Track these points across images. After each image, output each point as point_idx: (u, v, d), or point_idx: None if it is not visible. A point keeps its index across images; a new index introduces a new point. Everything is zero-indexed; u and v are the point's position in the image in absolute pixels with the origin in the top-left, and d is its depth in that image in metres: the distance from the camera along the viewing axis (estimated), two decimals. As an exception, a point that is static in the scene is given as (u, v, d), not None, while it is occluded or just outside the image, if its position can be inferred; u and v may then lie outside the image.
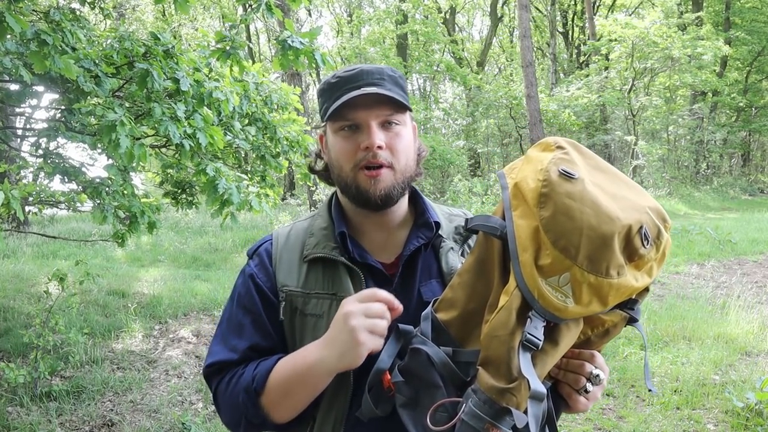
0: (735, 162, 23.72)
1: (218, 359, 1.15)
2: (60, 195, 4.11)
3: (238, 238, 10.34)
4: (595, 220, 0.86)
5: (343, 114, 1.11)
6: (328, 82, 1.16)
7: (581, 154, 0.99)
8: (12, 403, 3.66)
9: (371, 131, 1.10)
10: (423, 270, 1.16)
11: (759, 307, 5.80)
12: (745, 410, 3.60)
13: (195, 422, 3.54)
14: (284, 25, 3.14)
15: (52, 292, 4.40)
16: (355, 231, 1.20)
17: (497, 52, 28.61)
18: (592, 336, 0.98)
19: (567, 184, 0.89)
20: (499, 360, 0.90)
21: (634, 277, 0.89)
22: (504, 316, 0.90)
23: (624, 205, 0.90)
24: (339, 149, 1.13)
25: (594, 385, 1.01)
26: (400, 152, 1.13)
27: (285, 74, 11.92)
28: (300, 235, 1.21)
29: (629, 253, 0.88)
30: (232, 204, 3.32)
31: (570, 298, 0.88)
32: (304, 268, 1.16)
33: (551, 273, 0.87)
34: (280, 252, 1.20)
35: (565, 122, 18.19)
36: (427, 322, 1.02)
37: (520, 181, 0.96)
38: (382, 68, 1.15)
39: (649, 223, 0.90)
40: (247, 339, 1.14)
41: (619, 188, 0.95)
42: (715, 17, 21.90)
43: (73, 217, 11.13)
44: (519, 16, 15.17)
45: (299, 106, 4.47)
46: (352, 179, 1.12)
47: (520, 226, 0.92)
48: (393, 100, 1.10)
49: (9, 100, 3.94)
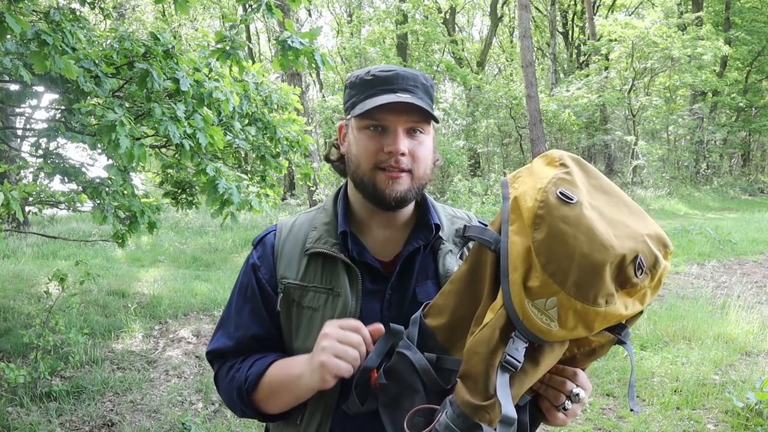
0: (735, 162, 23.71)
1: (217, 347, 1.22)
2: (60, 195, 4.11)
3: (238, 238, 10.33)
4: (587, 248, 0.84)
5: (372, 114, 1.12)
6: (361, 78, 1.16)
7: (585, 173, 0.98)
8: (12, 404, 3.66)
9: (398, 137, 1.11)
10: (420, 271, 1.18)
11: (759, 307, 5.80)
12: (745, 410, 3.60)
13: (195, 422, 3.54)
14: (284, 26, 3.14)
15: (52, 292, 4.40)
16: (358, 227, 1.22)
17: (497, 52, 28.60)
18: (577, 354, 0.99)
19: (564, 207, 0.88)
20: (477, 376, 0.91)
21: (624, 305, 0.88)
22: (487, 334, 0.91)
23: (621, 233, 0.88)
24: (362, 147, 1.14)
25: (573, 403, 1.01)
26: (421, 160, 1.15)
27: (285, 74, 11.91)
28: (303, 227, 1.24)
29: (621, 281, 0.87)
30: (232, 204, 3.32)
31: (555, 322, 0.87)
32: (305, 261, 1.18)
33: (539, 295, 0.87)
34: (283, 243, 1.23)
35: (565, 122, 18.19)
36: (415, 327, 1.03)
37: (519, 195, 0.95)
38: (417, 75, 1.17)
39: (646, 252, 0.88)
40: (245, 328, 1.20)
41: (620, 213, 0.93)
42: (715, 17, 21.89)
43: (73, 217, 11.13)
44: (519, 16, 15.17)
45: (299, 106, 4.47)
46: (370, 178, 1.14)
47: (514, 243, 0.91)
48: (423, 110, 1.12)
49: (9, 100, 3.94)
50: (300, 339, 1.16)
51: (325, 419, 1.12)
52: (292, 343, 1.18)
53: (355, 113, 1.14)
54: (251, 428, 3.64)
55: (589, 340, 0.96)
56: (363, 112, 1.11)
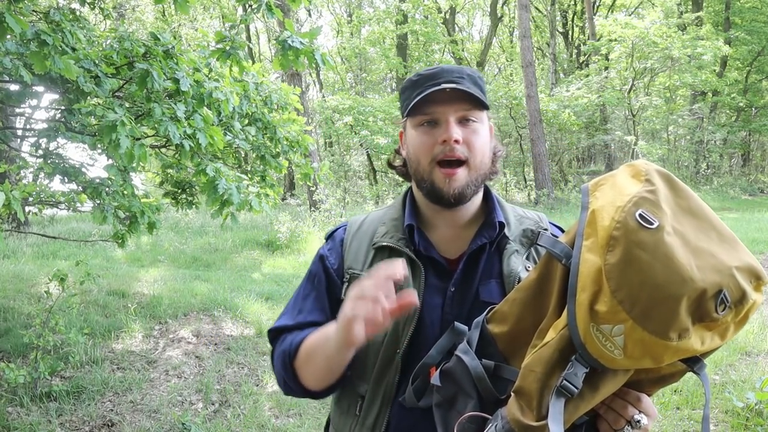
0: (735, 162, 23.70)
1: (279, 325, 1.26)
2: (60, 195, 4.11)
3: (238, 238, 10.33)
4: (662, 278, 0.78)
5: (423, 109, 1.14)
6: (410, 80, 1.19)
7: (674, 192, 0.89)
8: (12, 404, 3.66)
9: (449, 125, 1.13)
10: (484, 269, 1.18)
11: (759, 307, 5.80)
12: (745, 410, 3.60)
13: (195, 422, 3.54)
14: (284, 25, 3.14)
15: (53, 292, 4.40)
16: (425, 224, 1.23)
17: (497, 52, 28.60)
18: (644, 379, 0.94)
19: (642, 232, 0.81)
20: (531, 395, 0.88)
21: (700, 340, 0.81)
22: (546, 353, 0.87)
23: (705, 264, 0.80)
24: (418, 143, 1.16)
25: (633, 429, 0.96)
26: (477, 149, 1.15)
27: (285, 74, 11.91)
28: (373, 224, 1.27)
29: (700, 315, 0.80)
30: (232, 204, 3.32)
31: (620, 350, 0.82)
32: (371, 254, 1.21)
33: (605, 321, 0.82)
34: (352, 238, 1.26)
35: (565, 122, 18.20)
36: (476, 331, 1.02)
37: (598, 209, 0.88)
38: (462, 68, 1.18)
39: (732, 287, 0.80)
40: (307, 312, 1.23)
41: (708, 240, 0.84)
42: (715, 17, 21.89)
43: (73, 217, 11.12)
44: (519, 16, 15.18)
45: (299, 106, 4.47)
46: (428, 174, 1.15)
47: (587, 261, 0.85)
48: (472, 97, 1.13)
49: (9, 100, 3.94)
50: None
51: (383, 410, 1.13)
52: None
53: (406, 112, 1.17)
54: (251, 428, 3.64)
55: (659, 368, 0.90)
56: (412, 109, 1.14)
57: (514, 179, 18.83)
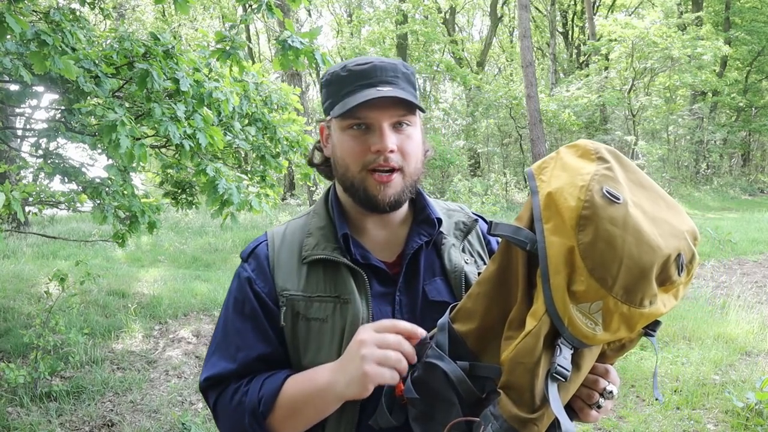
0: (735, 162, 23.71)
1: (217, 371, 1.08)
2: (60, 195, 4.11)
3: (238, 239, 10.34)
4: (636, 250, 0.81)
5: (354, 113, 1.05)
6: (336, 74, 1.09)
7: (623, 168, 0.92)
8: (12, 404, 3.66)
9: (384, 134, 1.05)
10: (426, 268, 1.13)
11: (759, 307, 5.80)
12: (745, 410, 3.60)
13: (195, 422, 3.54)
14: (284, 25, 3.14)
15: (53, 292, 4.40)
16: (355, 229, 1.15)
17: (497, 52, 28.60)
18: (607, 350, 0.96)
19: (611, 208, 0.83)
20: (523, 388, 0.87)
21: (663, 303, 0.86)
22: (531, 343, 0.87)
23: (664, 231, 0.85)
24: (347, 149, 1.08)
25: (606, 399, 0.99)
26: (411, 155, 1.09)
27: (285, 74, 11.92)
28: (297, 235, 1.15)
29: (662, 279, 0.85)
30: (232, 204, 3.32)
31: (599, 326, 0.84)
32: (304, 270, 1.10)
33: (583, 300, 0.83)
34: (277, 253, 1.13)
35: (565, 122, 18.19)
36: (444, 333, 0.97)
37: (555, 192, 0.88)
38: (396, 64, 1.09)
39: (686, 249, 0.86)
40: (248, 348, 1.08)
41: (660, 209, 0.89)
42: (715, 17, 21.90)
43: (73, 217, 11.13)
44: (519, 16, 15.17)
45: (299, 106, 4.47)
46: (360, 181, 1.07)
47: (553, 244, 0.85)
48: (407, 102, 1.05)
49: (9, 100, 3.94)
50: (310, 354, 1.07)
51: None
52: (301, 359, 1.08)
53: (335, 114, 1.06)
54: (251, 428, 3.63)
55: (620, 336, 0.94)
56: (343, 112, 1.04)
57: (514, 179, 18.81)
